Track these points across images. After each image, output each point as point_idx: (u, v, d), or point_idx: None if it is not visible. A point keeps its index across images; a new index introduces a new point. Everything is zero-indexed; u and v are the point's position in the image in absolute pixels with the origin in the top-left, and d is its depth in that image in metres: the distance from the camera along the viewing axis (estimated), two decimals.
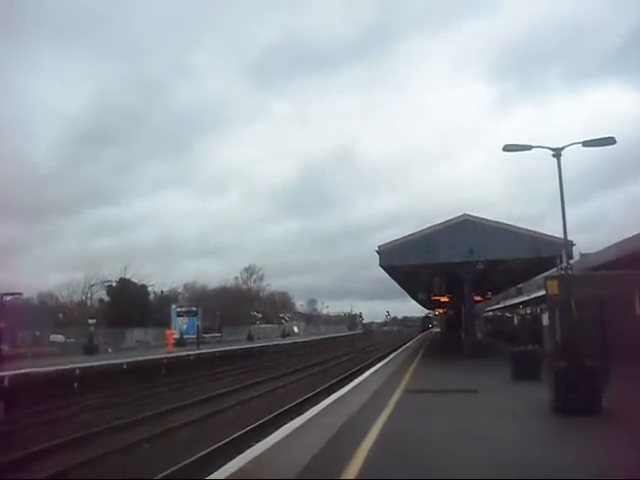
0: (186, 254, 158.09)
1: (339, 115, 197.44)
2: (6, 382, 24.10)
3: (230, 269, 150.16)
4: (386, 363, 29.41)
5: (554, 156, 19.53)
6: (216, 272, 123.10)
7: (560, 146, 18.92)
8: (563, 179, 17.93)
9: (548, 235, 27.59)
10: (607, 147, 18.60)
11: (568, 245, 20.23)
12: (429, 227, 29.83)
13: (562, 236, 18.59)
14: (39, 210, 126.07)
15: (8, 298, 45.69)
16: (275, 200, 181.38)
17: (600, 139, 18.67)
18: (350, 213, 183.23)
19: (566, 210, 17.79)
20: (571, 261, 21.18)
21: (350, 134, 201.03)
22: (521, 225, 29.75)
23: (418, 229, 30.42)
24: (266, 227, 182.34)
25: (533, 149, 20.44)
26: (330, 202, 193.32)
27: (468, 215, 29.41)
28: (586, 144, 19.08)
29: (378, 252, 29.06)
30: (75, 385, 27.82)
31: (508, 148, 20.81)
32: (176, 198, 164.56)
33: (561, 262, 19.05)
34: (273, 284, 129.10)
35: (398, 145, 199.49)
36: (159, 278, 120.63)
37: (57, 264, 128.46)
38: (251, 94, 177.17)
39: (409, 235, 29.91)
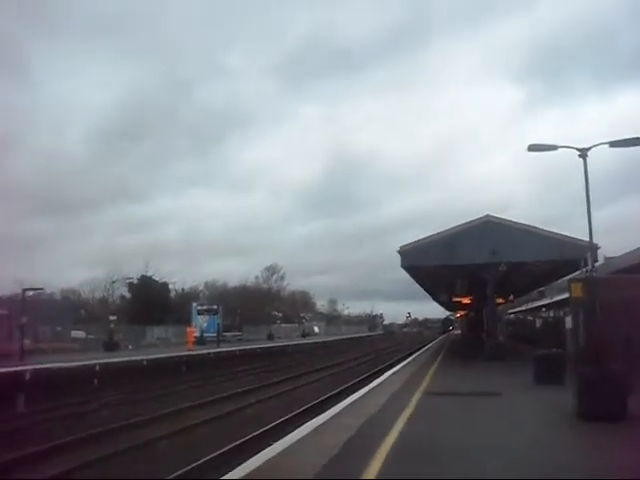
0: (210, 253, 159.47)
1: (366, 115, 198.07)
2: (27, 376, 24.23)
3: (253, 268, 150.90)
4: (406, 364, 29.20)
5: (580, 156, 19.23)
6: (240, 271, 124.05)
7: (587, 146, 18.65)
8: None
9: (572, 237, 27.15)
10: (635, 149, 18.32)
11: (593, 247, 19.90)
12: (451, 228, 29.49)
13: (586, 239, 18.30)
14: (66, 207, 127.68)
15: (30, 293, 46.07)
16: (301, 200, 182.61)
17: (627, 140, 18.37)
18: (374, 214, 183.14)
19: (591, 212, 17.53)
20: (596, 264, 20.83)
21: (377, 134, 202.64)
22: (546, 227, 29.34)
23: (440, 230, 30.12)
24: (291, 227, 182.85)
25: (559, 149, 20.19)
26: (355, 203, 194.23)
27: (491, 216, 29.06)
28: (613, 144, 18.77)
29: (399, 253, 28.82)
30: (95, 381, 27.94)
31: (533, 148, 20.52)
32: (202, 196, 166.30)
33: (585, 265, 18.75)
34: (295, 284, 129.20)
35: (424, 146, 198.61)
36: (182, 276, 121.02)
37: (82, 261, 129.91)
38: (280, 94, 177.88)
39: (431, 236, 29.60)
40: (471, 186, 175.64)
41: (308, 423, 11.82)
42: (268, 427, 16.03)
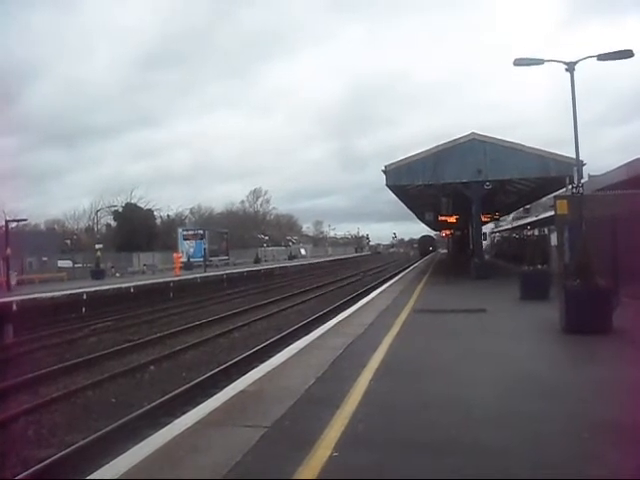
0: (213, 179, 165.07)
1: (400, 37, 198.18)
2: (14, 307, 24.17)
3: (243, 194, 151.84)
4: (394, 283, 29.32)
5: (567, 70, 18.83)
6: (235, 197, 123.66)
7: (574, 60, 18.22)
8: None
9: (558, 154, 26.98)
10: None
11: (579, 164, 19.72)
12: (436, 146, 29.10)
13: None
14: (79, 134, 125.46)
15: (13, 225, 45.62)
16: (311, 126, 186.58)
17: (616, 52, 17.96)
18: (388, 136, 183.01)
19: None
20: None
21: (404, 57, 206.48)
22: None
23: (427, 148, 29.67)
24: (306, 150, 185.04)
25: (545, 63, 19.74)
26: (372, 125, 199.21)
27: (476, 134, 28.66)
28: (601, 57, 18.36)
29: (385, 172, 28.51)
30: (83, 309, 27.95)
31: (519, 62, 20.03)
32: (224, 122, 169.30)
33: (571, 182, 18.60)
34: (289, 207, 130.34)
35: (448, 67, 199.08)
36: (181, 203, 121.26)
37: (80, 191, 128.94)
38: (321, 16, 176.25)
39: (416, 154, 29.21)
40: (492, 106, 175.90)
41: (295, 344, 11.80)
42: (254, 350, 16.13)
